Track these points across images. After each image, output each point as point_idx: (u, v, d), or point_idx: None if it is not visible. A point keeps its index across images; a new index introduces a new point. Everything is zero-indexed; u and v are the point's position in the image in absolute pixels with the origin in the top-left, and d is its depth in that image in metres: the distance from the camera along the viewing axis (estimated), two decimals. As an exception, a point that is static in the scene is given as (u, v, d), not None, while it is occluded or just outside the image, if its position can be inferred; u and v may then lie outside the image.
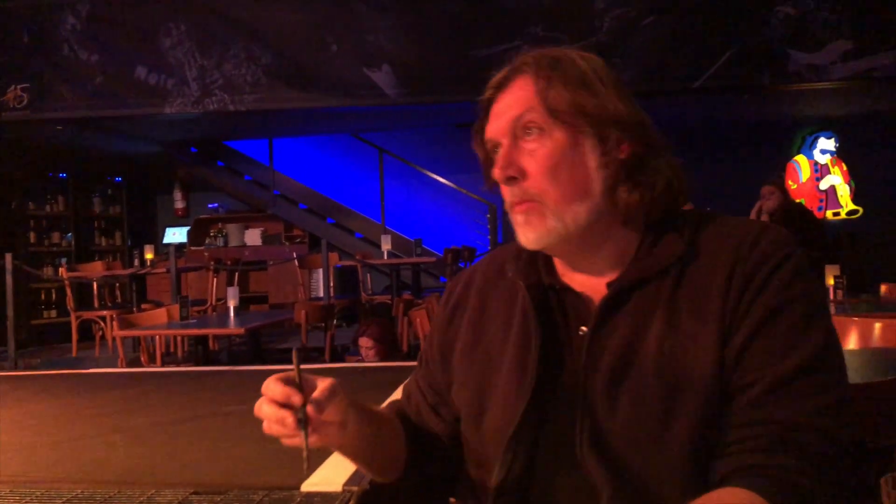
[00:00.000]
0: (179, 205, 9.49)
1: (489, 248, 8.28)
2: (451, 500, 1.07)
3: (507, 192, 0.92)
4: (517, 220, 0.92)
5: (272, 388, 0.86)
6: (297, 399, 0.84)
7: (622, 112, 0.89)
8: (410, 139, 8.94)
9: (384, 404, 1.14)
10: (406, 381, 1.13)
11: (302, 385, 0.86)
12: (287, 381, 0.86)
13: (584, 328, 0.91)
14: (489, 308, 1.01)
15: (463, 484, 1.01)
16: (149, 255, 7.21)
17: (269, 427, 0.86)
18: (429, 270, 8.37)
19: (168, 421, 1.89)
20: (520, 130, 0.91)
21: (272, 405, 0.85)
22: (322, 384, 0.87)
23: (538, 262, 0.96)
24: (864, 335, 2.81)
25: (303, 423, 0.85)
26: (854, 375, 1.94)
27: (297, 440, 0.85)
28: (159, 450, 1.63)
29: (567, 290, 0.95)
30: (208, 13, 6.54)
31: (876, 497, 0.59)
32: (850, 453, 0.81)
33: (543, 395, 0.90)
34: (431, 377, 1.06)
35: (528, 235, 0.91)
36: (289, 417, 0.84)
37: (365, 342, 4.27)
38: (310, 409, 0.85)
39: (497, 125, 0.93)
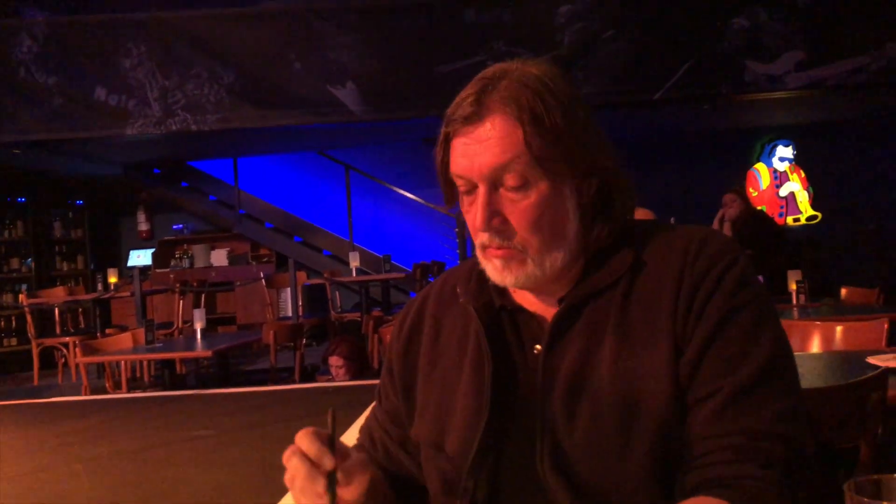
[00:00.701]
0: (143, 227, 9.35)
1: (458, 261, 8.29)
2: None
3: (484, 236, 0.89)
4: (494, 263, 0.89)
5: (307, 442, 0.83)
6: (329, 462, 0.82)
7: (603, 159, 0.89)
8: (377, 155, 8.93)
9: (357, 430, 1.11)
10: (364, 423, 1.08)
11: (335, 448, 0.83)
12: (322, 440, 0.83)
13: (538, 347, 0.90)
14: (444, 333, 0.99)
15: None
16: (112, 279, 7.08)
17: (292, 480, 0.83)
18: (398, 286, 8.35)
19: (134, 448, 1.85)
20: (500, 177, 0.87)
21: (304, 460, 0.82)
22: (355, 455, 0.86)
23: (488, 283, 0.94)
24: (827, 338, 2.87)
25: (332, 488, 0.82)
26: (817, 379, 1.97)
27: (319, 502, 0.82)
28: (125, 479, 1.59)
29: (519, 309, 0.94)
30: (169, 33, 6.49)
31: (842, 499, 0.60)
32: (809, 455, 0.81)
33: (502, 417, 0.89)
34: (394, 412, 1.03)
35: (506, 279, 0.90)
36: (320, 479, 0.81)
37: (335, 361, 4.24)
38: (339, 475, 0.83)
39: (472, 166, 0.87)
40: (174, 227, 9.23)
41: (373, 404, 1.08)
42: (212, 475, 1.59)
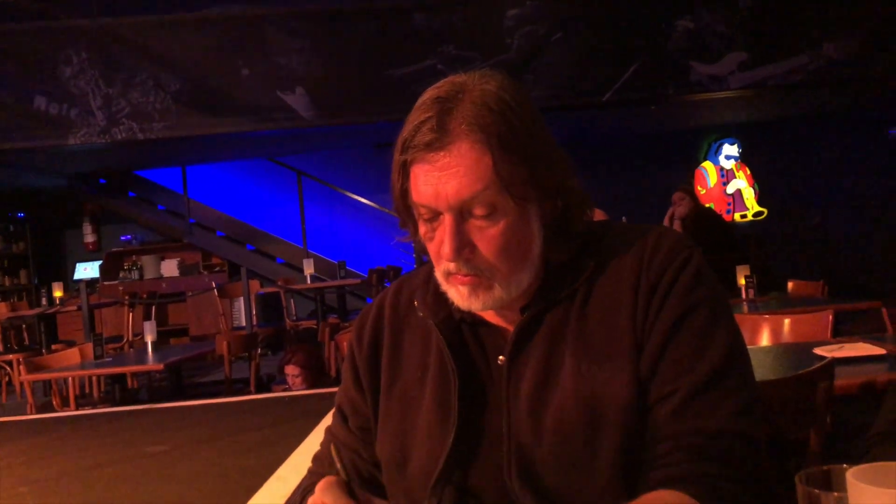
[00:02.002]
0: (89, 238, 9.11)
1: (414, 266, 8.28)
2: None
3: (450, 265, 0.86)
4: (460, 290, 0.87)
5: (332, 498, 0.79)
6: None
7: (566, 179, 0.88)
8: (329, 161, 8.87)
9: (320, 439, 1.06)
10: (322, 450, 1.02)
11: (355, 493, 0.80)
12: (346, 492, 0.79)
13: (501, 357, 0.90)
14: (402, 346, 0.97)
15: None
16: (58, 293, 6.87)
17: None
18: (354, 292, 8.29)
19: (83, 468, 1.79)
20: (469, 207, 0.84)
21: None
22: (376, 500, 0.83)
23: (447, 296, 0.91)
24: (776, 331, 2.94)
25: None
26: (767, 372, 2.02)
27: None
28: (72, 501, 1.54)
29: (480, 322, 0.93)
30: (111, 40, 6.33)
31: (794, 488, 0.61)
32: (764, 449, 0.83)
33: (468, 431, 0.88)
34: (365, 427, 0.98)
35: (473, 304, 0.88)
36: None
37: (291, 370, 4.18)
38: None
39: (437, 196, 0.83)
40: (122, 238, 9.02)
41: (326, 427, 1.03)
42: (166, 492, 1.55)
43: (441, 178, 0.83)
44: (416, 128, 0.84)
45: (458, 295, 0.88)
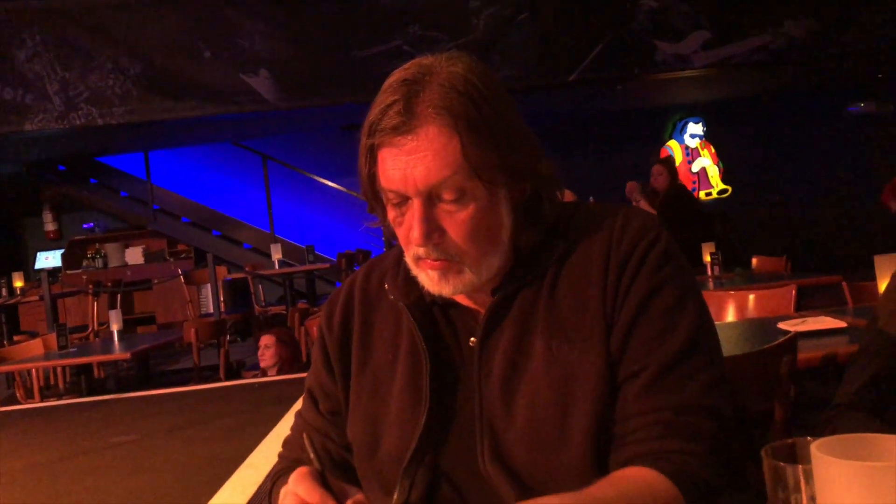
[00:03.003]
0: (50, 227, 8.91)
1: (384, 249, 8.25)
2: None
3: (420, 250, 0.85)
4: (430, 274, 0.86)
5: (306, 488, 0.77)
6: None
7: (535, 162, 0.87)
8: (295, 144, 8.77)
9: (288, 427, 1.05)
10: (292, 434, 1.01)
11: (328, 482, 0.78)
12: (321, 483, 0.77)
13: (473, 339, 0.90)
14: (373, 329, 0.96)
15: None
16: (18, 283, 6.73)
17: None
18: (324, 277, 8.25)
19: (49, 460, 1.76)
20: (437, 192, 0.83)
21: None
22: (356, 491, 0.81)
23: (417, 279, 0.90)
24: (741, 307, 2.99)
25: None
26: (733, 347, 2.05)
27: None
28: (40, 492, 1.51)
29: (450, 303, 0.92)
30: (66, 22, 6.16)
31: (760, 460, 0.62)
32: (731, 424, 0.84)
33: (440, 414, 0.88)
34: (336, 412, 0.98)
35: (444, 289, 0.87)
36: None
37: (266, 340, 4.06)
38: None
39: (405, 180, 0.83)
40: (84, 225, 8.84)
41: (297, 411, 1.02)
42: (135, 482, 1.53)
43: (409, 162, 0.82)
44: (383, 111, 0.83)
45: (429, 280, 0.87)
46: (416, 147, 0.82)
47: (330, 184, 8.62)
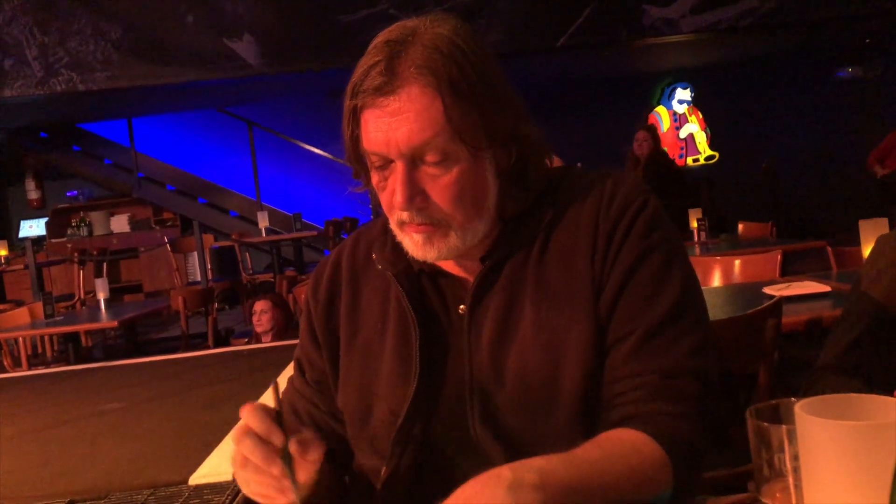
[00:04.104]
0: (33, 195, 8.81)
1: (371, 217, 8.23)
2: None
3: (403, 214, 0.85)
4: (414, 237, 0.86)
5: (255, 419, 0.77)
6: (279, 439, 0.77)
7: (521, 126, 0.87)
8: (281, 110, 8.68)
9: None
10: (285, 398, 1.00)
11: (282, 421, 0.78)
12: (271, 415, 0.78)
13: (462, 307, 0.90)
14: (362, 299, 0.96)
15: (352, 471, 0.98)
16: (2, 252, 6.67)
17: (244, 463, 0.77)
18: (311, 245, 8.23)
19: (38, 427, 1.76)
20: (420, 154, 0.82)
21: (257, 441, 0.76)
22: (305, 430, 0.81)
23: (405, 248, 0.90)
24: (727, 272, 3.01)
25: (290, 468, 0.77)
26: (719, 312, 2.07)
27: (274, 485, 0.78)
28: (30, 460, 1.51)
29: (439, 272, 0.93)
30: (44, -15, 6.02)
31: (744, 422, 0.63)
32: (717, 387, 0.86)
33: (431, 381, 0.89)
34: (321, 380, 0.99)
35: (428, 254, 0.87)
36: (276, 460, 0.76)
37: (261, 305, 4.04)
38: (293, 448, 0.77)
39: (388, 142, 0.82)
40: (68, 193, 8.75)
41: (289, 377, 1.04)
42: (125, 448, 1.54)
43: (391, 124, 0.81)
44: (366, 72, 0.82)
45: (413, 244, 0.87)
46: (398, 108, 0.81)
47: (316, 151, 8.55)
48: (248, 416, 0.77)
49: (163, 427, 1.66)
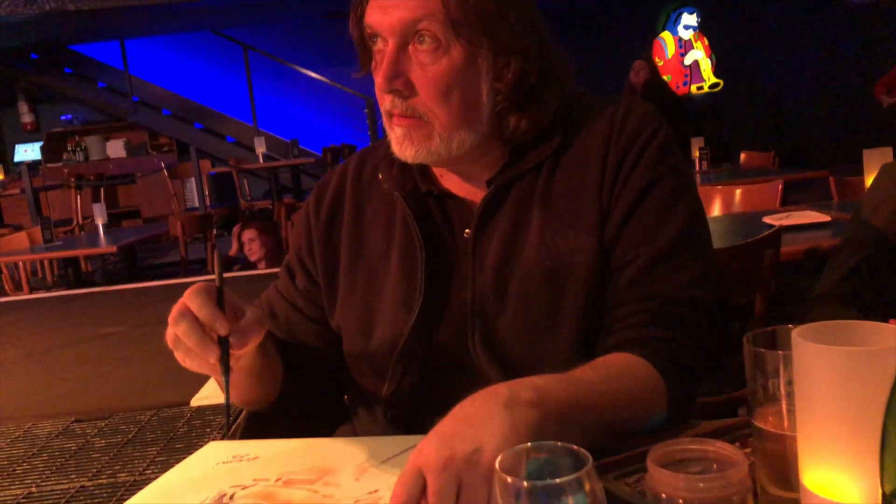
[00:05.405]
0: (27, 118, 8.70)
1: (370, 143, 8.14)
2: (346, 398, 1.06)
3: (388, 100, 0.84)
4: (396, 131, 0.85)
5: (198, 303, 0.74)
6: (223, 329, 0.75)
7: (527, 39, 0.84)
8: (278, 33, 8.47)
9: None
10: (263, 296, 1.02)
11: (224, 304, 0.76)
12: (214, 300, 0.75)
13: (467, 231, 0.89)
14: (366, 218, 0.96)
15: (352, 389, 0.99)
16: (-1, 176, 6.62)
17: (177, 342, 0.76)
18: (308, 171, 8.17)
19: (41, 350, 1.78)
20: (411, 35, 0.82)
21: (194, 325, 0.74)
22: (250, 312, 0.78)
23: (413, 169, 0.91)
24: (727, 202, 3.00)
25: (225, 359, 0.75)
26: (718, 240, 2.07)
27: (206, 366, 0.77)
28: (33, 380, 1.54)
29: (446, 194, 0.92)
30: None
31: (740, 349, 0.63)
32: (715, 315, 0.86)
33: (434, 303, 0.89)
34: (310, 290, 0.99)
35: (405, 151, 0.85)
36: (213, 348, 0.75)
37: (248, 234, 4.06)
38: (232, 340, 0.75)
39: (383, 17, 0.82)
40: (62, 117, 8.63)
41: (273, 283, 1.04)
42: (125, 371, 1.56)
43: (392, 2, 0.82)
44: None
45: (395, 140, 0.86)
46: None
47: (314, 75, 8.39)
48: (191, 298, 0.75)
49: (162, 350, 1.68)
